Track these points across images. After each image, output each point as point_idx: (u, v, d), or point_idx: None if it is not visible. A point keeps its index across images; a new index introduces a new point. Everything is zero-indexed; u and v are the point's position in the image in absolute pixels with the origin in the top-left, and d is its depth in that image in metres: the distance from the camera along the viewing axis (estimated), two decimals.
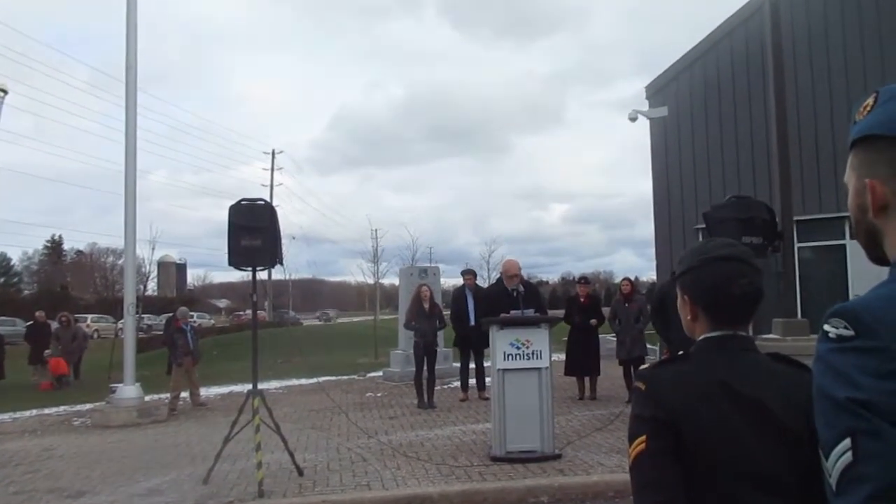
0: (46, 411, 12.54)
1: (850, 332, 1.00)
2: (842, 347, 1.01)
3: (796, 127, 12.59)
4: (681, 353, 1.59)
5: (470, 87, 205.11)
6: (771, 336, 6.68)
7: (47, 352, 16.76)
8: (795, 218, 7.88)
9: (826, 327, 1.05)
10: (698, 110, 15.84)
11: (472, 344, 11.37)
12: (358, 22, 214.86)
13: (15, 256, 64.81)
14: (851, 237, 13.67)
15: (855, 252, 13.59)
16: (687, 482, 1.37)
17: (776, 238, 7.07)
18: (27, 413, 12.42)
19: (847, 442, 0.97)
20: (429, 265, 17.58)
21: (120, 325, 16.61)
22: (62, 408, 12.83)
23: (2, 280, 61.21)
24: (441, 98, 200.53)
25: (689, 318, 1.58)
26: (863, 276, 13.28)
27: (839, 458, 0.98)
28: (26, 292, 58.36)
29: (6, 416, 12.07)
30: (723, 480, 1.37)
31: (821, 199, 13.77)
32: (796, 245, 7.98)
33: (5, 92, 3.80)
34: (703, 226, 7.37)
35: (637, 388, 1.50)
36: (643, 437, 1.41)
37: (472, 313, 11.32)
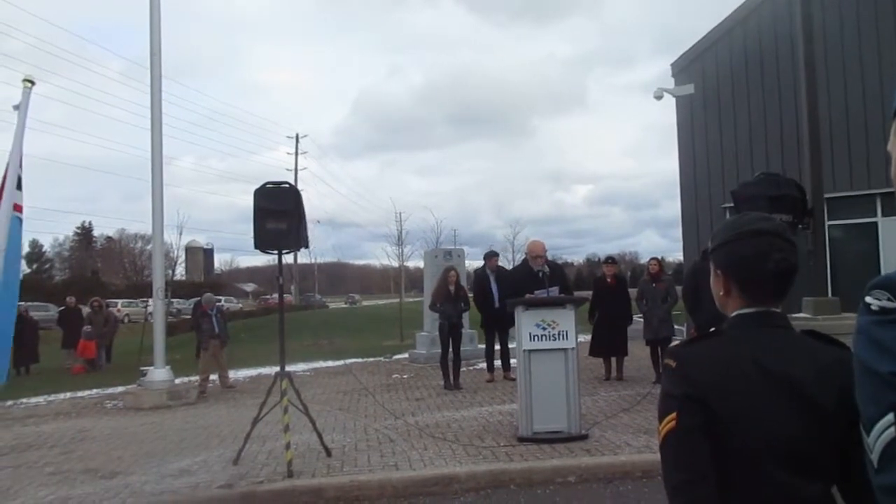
0: (80, 394, 12.77)
1: (894, 305, 0.97)
2: (885, 320, 0.97)
3: (827, 103, 12.33)
4: (712, 329, 1.56)
5: (490, 71, 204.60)
6: (802, 315, 6.58)
7: (86, 328, 16.98)
8: (826, 195, 7.72)
9: (868, 299, 1.00)
10: (725, 87, 15.59)
11: (497, 325, 11.44)
12: (377, 10, 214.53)
13: (46, 243, 65.95)
14: (883, 214, 13.42)
15: (886, 229, 13.34)
16: (717, 459, 1.36)
17: (806, 216, 6.95)
18: (61, 396, 12.66)
19: (890, 417, 0.94)
20: (453, 248, 17.53)
21: (150, 310, 16.81)
22: (95, 391, 13.06)
23: (34, 266, 62.21)
24: (461, 83, 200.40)
25: (721, 293, 1.55)
26: (895, 253, 13.04)
27: (881, 433, 0.95)
28: (58, 278, 59.37)
29: (41, 399, 12.32)
30: (753, 457, 1.35)
31: (852, 177, 13.51)
32: (827, 223, 7.83)
33: (32, 83, 3.83)
34: (731, 204, 7.26)
35: (667, 365, 1.48)
36: (673, 415, 1.40)
37: (496, 294, 11.32)
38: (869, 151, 13.04)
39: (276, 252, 6.96)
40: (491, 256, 12.34)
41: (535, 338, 7.05)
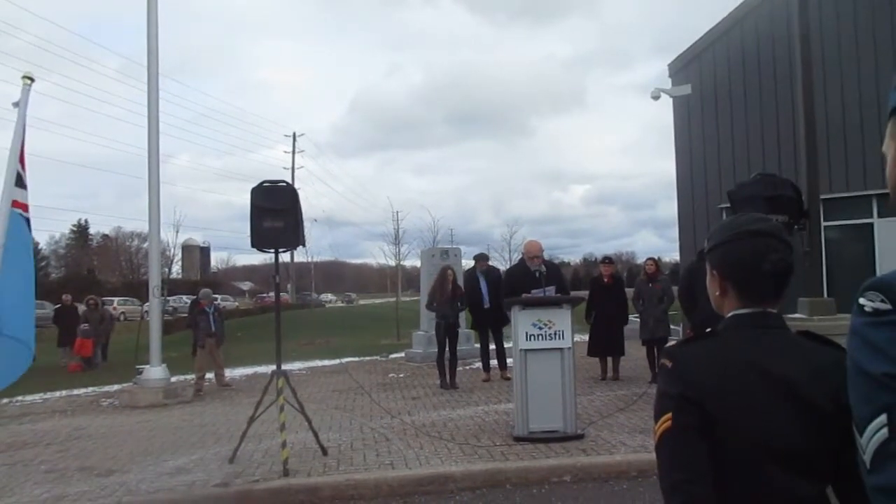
0: (75, 392, 12.75)
1: (888, 306, 0.97)
2: (878, 321, 0.98)
3: (823, 104, 12.34)
4: (708, 330, 1.57)
5: (489, 71, 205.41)
6: (797, 315, 6.57)
7: (83, 326, 16.94)
8: (822, 196, 7.74)
9: (861, 301, 1.01)
10: (722, 87, 15.60)
11: (490, 324, 11.62)
12: (377, 10, 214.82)
13: (42, 241, 65.60)
14: (879, 215, 13.44)
15: (882, 230, 13.37)
16: (713, 459, 1.36)
17: (802, 216, 6.95)
18: (57, 394, 12.64)
19: (883, 418, 0.94)
20: (450, 247, 17.55)
21: (146, 308, 16.79)
22: (90, 389, 13.04)
23: None
24: (461, 82, 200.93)
25: (717, 294, 1.55)
26: (890, 254, 13.06)
27: (874, 434, 0.96)
28: (54, 276, 59.24)
29: (37, 397, 12.29)
30: (749, 457, 1.36)
31: (848, 178, 13.53)
32: (823, 224, 7.85)
33: (32, 80, 3.82)
34: (728, 205, 7.26)
35: (664, 365, 1.48)
36: (669, 415, 1.40)
37: (486, 295, 11.56)
38: (865, 152, 13.06)
39: (272, 250, 6.96)
40: (480, 259, 12.50)
41: (532, 337, 7.06)
